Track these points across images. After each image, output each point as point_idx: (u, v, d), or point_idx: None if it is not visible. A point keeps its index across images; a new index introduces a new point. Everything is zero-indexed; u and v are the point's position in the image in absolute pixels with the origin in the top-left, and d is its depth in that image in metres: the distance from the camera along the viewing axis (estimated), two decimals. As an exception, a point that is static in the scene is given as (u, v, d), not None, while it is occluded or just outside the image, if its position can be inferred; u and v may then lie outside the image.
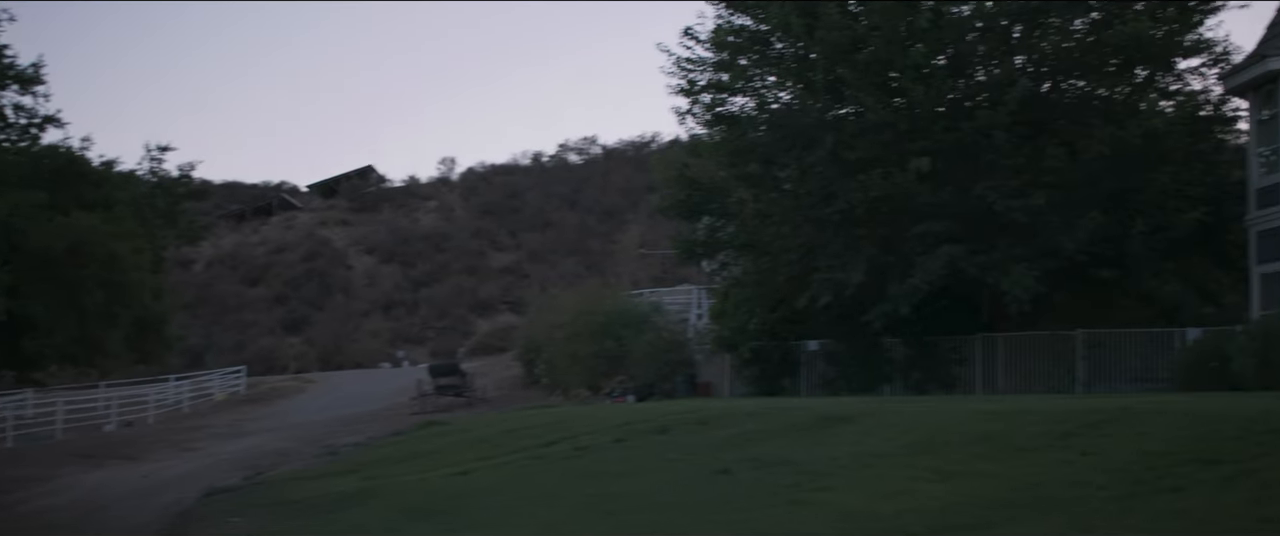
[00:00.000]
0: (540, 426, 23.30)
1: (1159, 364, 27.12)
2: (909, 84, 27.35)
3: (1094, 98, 29.25)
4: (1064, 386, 28.29)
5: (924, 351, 30.45)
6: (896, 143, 27.87)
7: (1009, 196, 26.62)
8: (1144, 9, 28.29)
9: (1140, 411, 15.96)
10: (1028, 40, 28.30)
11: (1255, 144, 25.62)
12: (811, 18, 28.29)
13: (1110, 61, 28.31)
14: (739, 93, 31.12)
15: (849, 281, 27.92)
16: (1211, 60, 29.70)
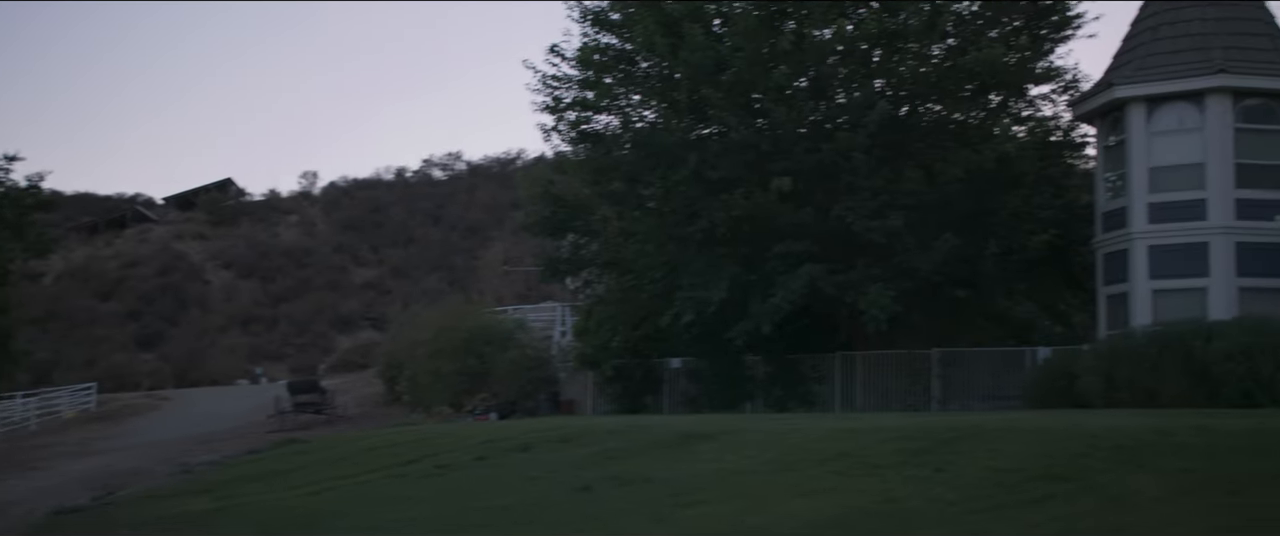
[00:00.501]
0: (401, 444, 23.05)
1: (1011, 382, 27.81)
2: (771, 105, 27.74)
3: (950, 122, 29.98)
4: (920, 404, 28.88)
5: (785, 369, 30.84)
6: (759, 163, 28.22)
7: (867, 217, 27.12)
8: (998, 37, 29.13)
9: (992, 429, 16.37)
10: (887, 64, 28.89)
11: (1102, 169, 26.47)
12: (676, 38, 28.55)
13: (965, 87, 29.03)
14: (604, 111, 31.25)
15: (712, 299, 28.17)
16: (1062, 87, 30.73)
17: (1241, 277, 24.15)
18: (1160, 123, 25.06)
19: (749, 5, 29.34)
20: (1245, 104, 24.53)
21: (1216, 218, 24.28)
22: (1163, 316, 23.94)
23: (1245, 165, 24.44)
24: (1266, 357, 21.58)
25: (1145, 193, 24.95)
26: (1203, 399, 21.83)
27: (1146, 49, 25.62)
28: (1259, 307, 23.55)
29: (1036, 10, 29.87)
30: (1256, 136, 24.57)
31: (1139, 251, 24.87)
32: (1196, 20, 25.42)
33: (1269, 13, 25.90)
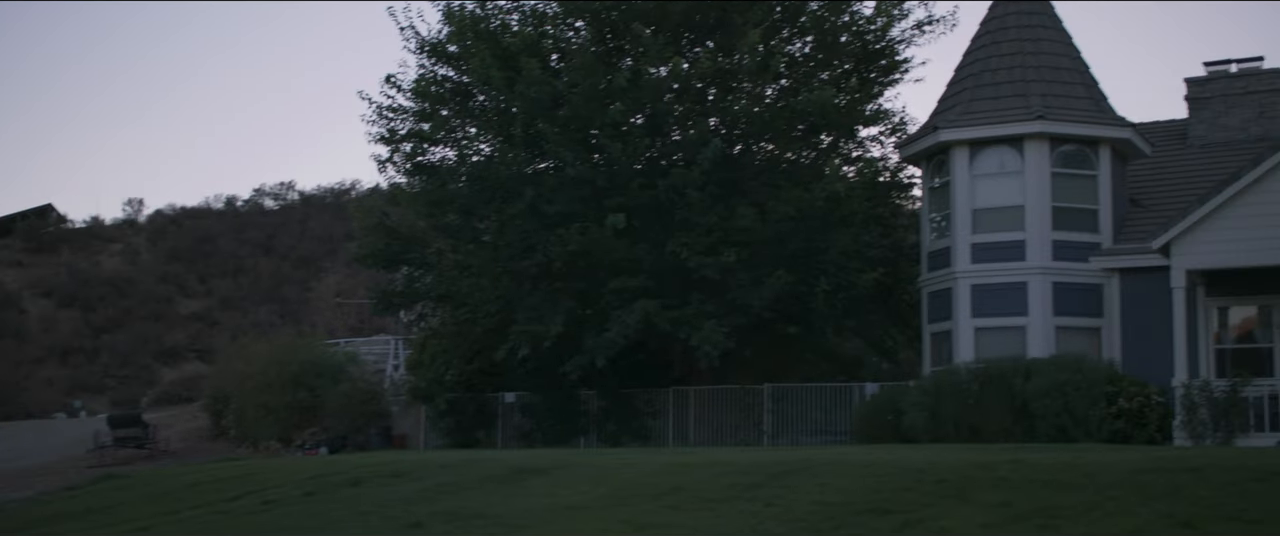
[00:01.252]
0: (227, 479, 22.48)
1: (840, 417, 28.36)
2: (607, 141, 27.92)
3: (782, 161, 30.52)
4: (752, 438, 29.23)
5: (619, 404, 30.94)
6: (594, 198, 28.35)
7: (702, 253, 27.42)
8: (829, 79, 29.82)
9: (821, 463, 16.65)
10: (721, 103, 29.33)
11: (928, 210, 27.22)
12: (512, 72, 28.58)
13: (797, 127, 29.60)
14: (440, 143, 31.11)
15: (547, 334, 28.15)
16: (890, 130, 31.62)
17: (1058, 316, 25.03)
18: (982, 166, 25.89)
19: (586, 41, 29.58)
20: (1062, 149, 25.49)
21: (1035, 258, 25.13)
22: (985, 353, 24.66)
23: (1062, 208, 25.38)
24: (1080, 394, 22.41)
25: (968, 233, 25.71)
26: (1022, 434, 22.58)
27: (970, 94, 26.47)
28: (1074, 346, 24.45)
29: (866, 54, 30.69)
30: (1072, 181, 25.54)
31: (962, 290, 25.60)
32: (1017, 67, 26.37)
33: (1084, 63, 26.99)
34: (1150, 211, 26.05)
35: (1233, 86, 28.15)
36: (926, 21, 30.97)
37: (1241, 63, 28.27)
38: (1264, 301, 23.67)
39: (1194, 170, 27.22)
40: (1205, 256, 22.54)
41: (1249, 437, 21.55)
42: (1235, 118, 28.03)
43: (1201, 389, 21.93)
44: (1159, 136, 28.72)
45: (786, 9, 29.81)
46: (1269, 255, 22.14)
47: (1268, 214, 22.02)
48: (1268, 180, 22.09)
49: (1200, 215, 22.38)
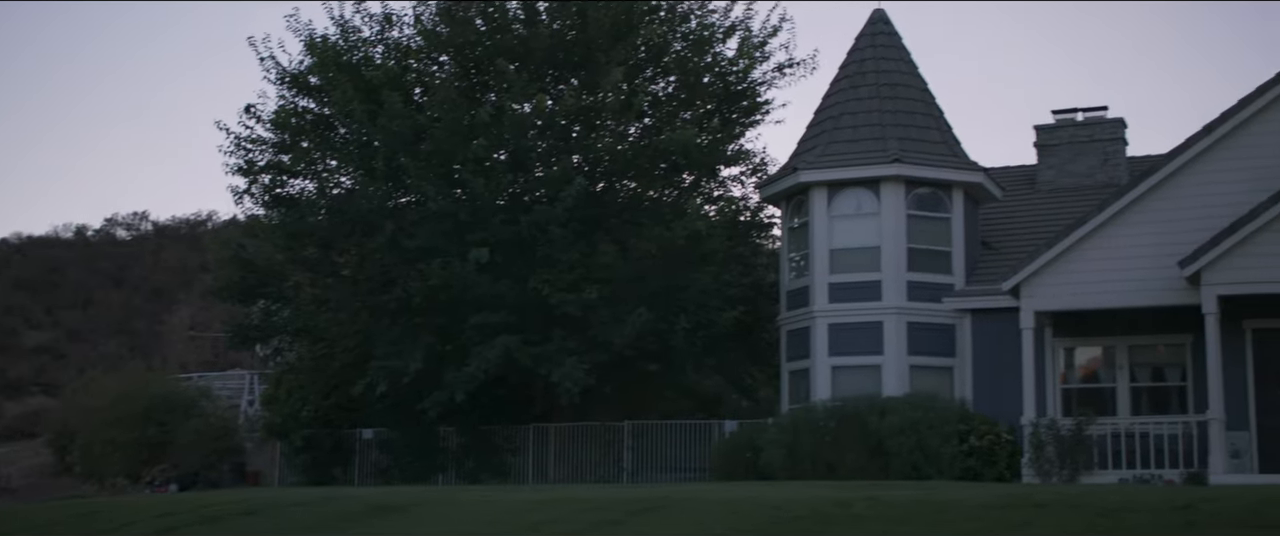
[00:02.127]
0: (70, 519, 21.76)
1: (700, 454, 28.53)
2: (470, 176, 27.84)
3: (644, 199, 30.74)
4: (612, 475, 29.25)
5: (479, 440, 30.73)
6: (456, 233, 28.22)
7: (563, 290, 27.43)
8: (691, 118, 30.15)
9: (678, 500, 16.71)
10: (585, 141, 29.46)
11: (787, 250, 27.61)
12: (375, 105, 28.37)
13: (660, 165, 29.87)
14: (300, 175, 30.72)
15: (406, 369, 27.88)
16: (751, 170, 32.07)
17: (912, 356, 25.51)
18: (840, 207, 26.34)
19: (450, 76, 29.51)
20: (917, 192, 26.07)
21: (890, 299, 25.62)
22: (841, 392, 25.02)
23: (916, 250, 25.92)
24: (934, 432, 22.86)
25: (826, 273, 26.12)
26: (877, 471, 22.93)
27: (829, 136, 26.96)
28: (928, 384, 24.94)
29: (728, 95, 31.11)
30: (927, 223, 26.12)
31: (820, 329, 25.98)
32: (875, 112, 26.94)
33: (939, 108, 27.68)
34: (1001, 254, 26.75)
35: (1079, 134, 29.10)
36: (787, 64, 31.54)
37: (1087, 112, 29.24)
38: (1108, 342, 24.44)
39: (1042, 214, 28.03)
40: (1052, 298, 23.20)
41: (1093, 474, 22.19)
42: (1081, 164, 28.96)
43: (1048, 427, 22.52)
44: (1010, 181, 29.54)
45: (650, 49, 30.11)
46: (1112, 298, 22.88)
47: (1111, 258, 22.77)
48: (1111, 225, 22.84)
49: (1047, 258, 23.05)
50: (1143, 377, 24.40)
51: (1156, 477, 21.78)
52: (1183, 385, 23.86)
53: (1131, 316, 23.49)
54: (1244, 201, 21.67)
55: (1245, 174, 22.22)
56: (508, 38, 29.42)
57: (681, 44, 30.62)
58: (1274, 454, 22.37)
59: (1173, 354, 24.14)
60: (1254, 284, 21.43)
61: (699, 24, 30.76)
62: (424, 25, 30.05)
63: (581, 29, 29.22)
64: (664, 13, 30.40)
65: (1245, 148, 22.48)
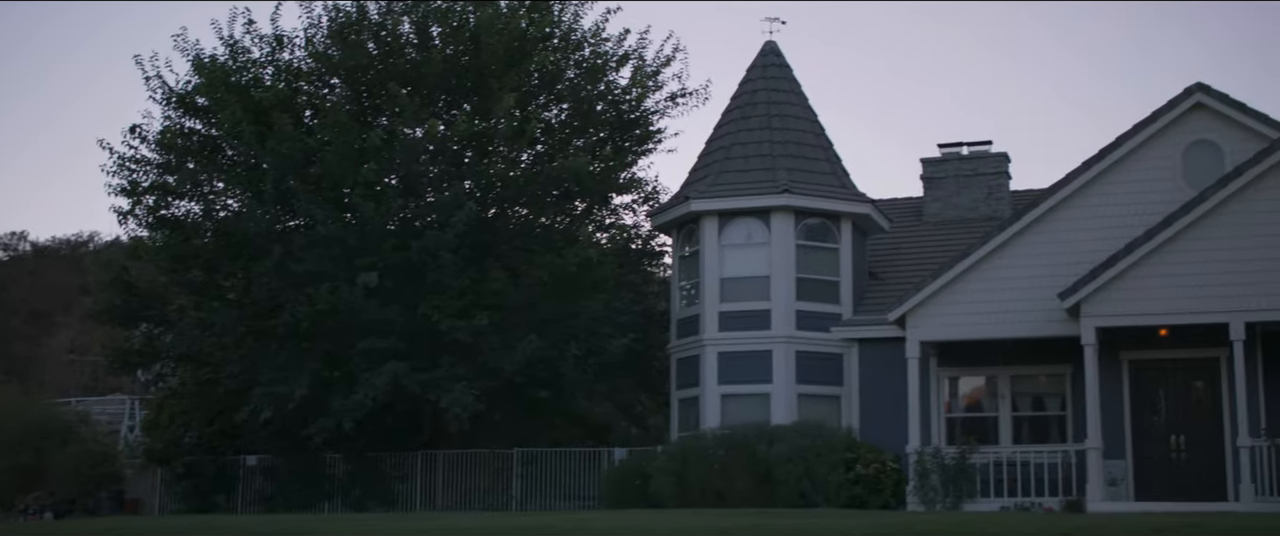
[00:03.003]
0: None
1: (589, 482, 28.48)
2: (360, 200, 27.57)
3: (536, 226, 30.67)
4: (501, 503, 29.07)
5: (366, 467, 30.37)
6: (345, 257, 27.92)
7: (453, 316, 27.24)
8: (584, 146, 30.19)
9: (563, 529, 16.66)
10: (477, 166, 29.34)
11: (678, 278, 27.74)
12: (264, 127, 28.00)
13: (552, 192, 29.85)
14: (185, 197, 30.18)
15: (292, 395, 27.48)
16: (643, 198, 32.16)
17: (801, 384, 25.74)
18: (731, 236, 26.54)
19: (341, 99, 29.24)
20: (806, 222, 26.36)
21: (779, 328, 25.84)
22: (731, 420, 25.15)
23: (805, 279, 26.19)
24: (821, 460, 23.08)
25: (716, 302, 26.28)
26: (765, 499, 23.08)
27: (720, 166, 27.17)
28: (815, 413, 25.18)
29: (621, 123, 31.21)
30: (816, 253, 26.41)
31: (710, 357, 26.11)
32: (766, 142, 27.20)
33: (829, 140, 28.04)
34: (888, 284, 27.13)
35: (964, 168, 29.67)
36: (680, 93, 31.72)
37: (972, 145, 29.83)
38: (991, 372, 24.89)
39: (929, 246, 28.50)
40: (937, 329, 23.58)
41: (976, 502, 22.56)
42: (966, 197, 29.50)
43: (933, 456, 22.86)
44: (897, 212, 30.00)
45: (544, 76, 30.10)
46: (994, 329, 23.32)
47: (994, 289, 23.23)
48: (994, 258, 23.31)
49: (933, 289, 23.43)
50: (1024, 407, 24.87)
51: (1036, 505, 22.19)
52: (1062, 414, 24.36)
53: (1014, 347, 23.96)
54: (1122, 236, 22.25)
55: (1123, 209, 22.83)
56: (400, 62, 29.24)
57: (575, 72, 30.67)
58: (1149, 481, 22.93)
59: (1053, 384, 24.65)
60: (1130, 316, 22.00)
61: (593, 52, 30.84)
62: (315, 48, 29.75)
63: (474, 55, 29.15)
64: (558, 40, 30.43)
65: (1123, 183, 23.10)
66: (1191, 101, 22.87)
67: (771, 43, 28.68)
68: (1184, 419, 23.24)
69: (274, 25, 30.12)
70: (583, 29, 30.85)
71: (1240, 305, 21.34)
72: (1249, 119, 22.61)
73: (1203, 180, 22.40)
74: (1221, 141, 22.82)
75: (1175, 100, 22.97)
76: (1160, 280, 21.77)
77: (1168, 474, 23.00)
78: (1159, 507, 21.07)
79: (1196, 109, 22.94)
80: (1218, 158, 22.72)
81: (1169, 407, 23.38)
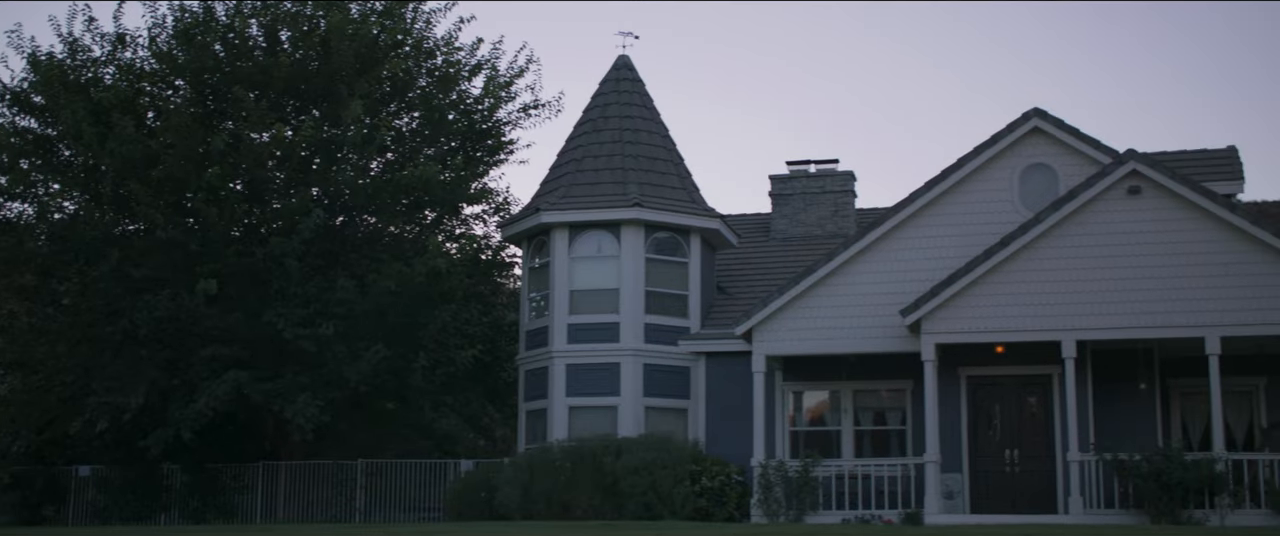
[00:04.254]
0: None
1: (435, 493, 28.26)
2: (203, 205, 27.00)
3: (385, 234, 30.37)
4: (344, 515, 28.70)
5: (205, 479, 29.71)
6: (187, 263, 27.32)
7: (298, 325, 26.83)
8: (435, 155, 29.97)
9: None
10: (325, 173, 28.93)
11: (527, 289, 27.67)
12: (104, 128, 27.25)
13: (402, 201, 29.57)
14: (18, 198, 29.20)
15: (128, 405, 26.78)
16: (494, 208, 32.07)
17: (648, 397, 25.84)
18: (581, 248, 26.57)
19: (185, 101, 28.57)
20: (656, 236, 26.50)
21: (628, 341, 25.93)
22: (578, 432, 25.13)
23: (654, 293, 26.33)
24: (667, 473, 23.20)
25: (566, 314, 26.27)
26: (612, 511, 23.14)
27: (572, 178, 27.19)
28: (663, 426, 25.31)
29: (473, 133, 31.08)
30: (665, 267, 26.58)
31: (558, 369, 26.08)
32: (617, 155, 27.31)
33: (679, 155, 28.26)
34: (736, 299, 27.43)
35: (811, 185, 30.14)
36: (533, 105, 31.72)
37: (820, 164, 30.31)
38: (834, 387, 25.31)
39: (776, 261, 28.88)
40: (782, 343, 23.90)
41: (818, 515, 22.91)
42: (813, 214, 29.98)
43: (777, 469, 23.15)
44: (746, 228, 30.34)
45: (395, 83, 29.83)
46: (837, 344, 23.73)
47: (838, 305, 23.64)
48: (839, 274, 23.72)
49: (779, 304, 23.76)
50: (866, 421, 25.34)
51: (877, 517, 22.61)
52: (903, 429, 24.87)
53: (857, 362, 24.40)
54: (962, 255, 22.83)
55: (964, 229, 23.42)
56: (247, 65, 28.69)
57: (427, 80, 30.46)
58: (985, 494, 23.54)
59: (894, 399, 25.16)
60: (968, 333, 22.58)
61: (445, 61, 30.67)
62: (159, 48, 29.06)
63: (324, 60, 28.76)
64: (410, 48, 30.18)
65: (964, 204, 23.70)
66: (1028, 126, 23.57)
67: (624, 57, 28.82)
68: (1019, 433, 23.91)
69: (117, 23, 29.38)
70: (435, 37, 30.71)
71: (1072, 324, 22.06)
72: (1082, 144, 23.38)
73: (1038, 202, 23.11)
74: (1056, 165, 23.56)
75: (1013, 124, 23.65)
76: (997, 298, 22.40)
77: (1002, 487, 23.64)
78: (994, 519, 21.67)
79: (1033, 133, 23.65)
80: (1052, 180, 23.45)
81: (1005, 422, 24.02)
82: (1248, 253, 21.64)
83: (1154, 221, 22.04)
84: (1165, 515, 20.89)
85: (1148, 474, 21.08)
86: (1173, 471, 20.92)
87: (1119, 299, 21.95)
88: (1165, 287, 21.81)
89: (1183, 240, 21.88)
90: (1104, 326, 22.05)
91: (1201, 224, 21.84)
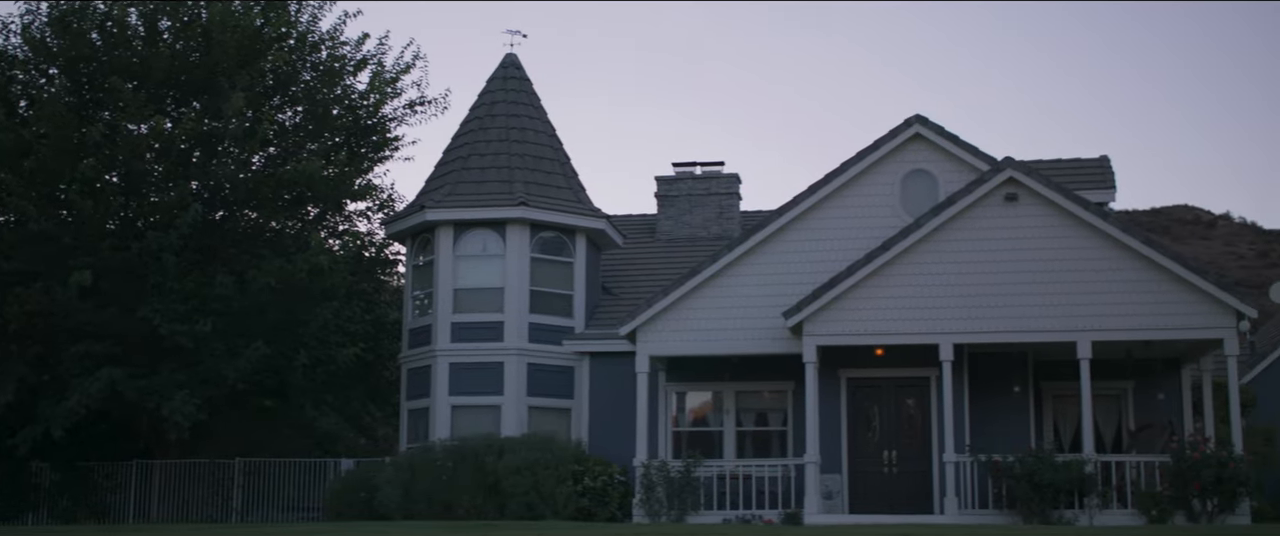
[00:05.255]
0: None
1: (315, 493, 27.94)
2: (77, 197, 26.36)
3: (266, 230, 29.92)
4: (220, 515, 28.25)
5: (76, 478, 29.06)
6: (59, 256, 26.66)
7: (175, 321, 26.33)
8: (318, 150, 29.58)
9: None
10: (205, 167, 28.41)
11: (411, 287, 27.46)
12: (-27, 116, 26.50)
13: (284, 196, 29.15)
14: (-121, 188, 28.24)
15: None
16: (378, 205, 31.72)
17: (532, 397, 25.81)
18: (466, 247, 26.44)
19: (60, 91, 27.83)
20: (542, 236, 26.47)
21: (512, 340, 25.86)
22: (461, 431, 25.02)
23: (539, 292, 26.29)
24: (549, 473, 23.18)
25: (449, 312, 26.13)
26: (494, 511, 23.08)
27: (458, 176, 27.04)
28: (546, 426, 25.31)
29: (358, 129, 30.74)
30: (551, 266, 26.56)
31: (441, 368, 25.93)
32: (504, 154, 27.21)
33: (566, 154, 28.25)
34: (621, 299, 27.48)
35: (697, 187, 30.31)
36: (419, 102, 31.45)
37: (705, 166, 30.49)
38: (717, 388, 25.46)
39: (661, 262, 28.98)
40: (666, 344, 23.99)
41: (700, 515, 23.03)
42: (698, 216, 30.15)
43: (659, 469, 23.23)
44: (632, 229, 30.41)
45: (279, 76, 29.40)
46: (720, 345, 23.86)
47: (720, 307, 23.77)
48: (723, 276, 23.87)
49: (663, 305, 23.84)
50: (748, 422, 25.54)
51: (757, 517, 22.80)
52: (784, 430, 25.12)
53: (740, 363, 24.57)
54: (844, 258, 23.10)
55: (846, 232, 23.68)
56: (126, 54, 28.05)
57: (311, 74, 30.06)
58: (863, 495, 23.84)
59: (776, 400, 25.38)
60: (848, 335, 22.86)
61: (330, 55, 30.30)
62: (32, 35, 28.28)
63: (206, 51, 28.24)
64: (294, 41, 29.75)
65: (847, 208, 23.97)
66: (910, 132, 23.94)
67: (512, 55, 28.73)
68: (897, 435, 24.26)
69: (-12, 9, 28.56)
70: (320, 31, 30.30)
71: (949, 327, 22.45)
72: (961, 151, 23.80)
73: (919, 207, 23.47)
74: (936, 171, 23.94)
75: (895, 130, 23.99)
76: (877, 302, 22.71)
77: (881, 487, 23.96)
78: (871, 520, 21.97)
79: (915, 139, 24.02)
80: (933, 187, 23.83)
81: (883, 424, 24.37)
82: (1118, 260, 22.20)
83: (1030, 228, 22.51)
84: (1037, 515, 21.36)
85: (1021, 475, 21.52)
86: (1044, 472, 21.38)
87: (996, 303, 22.39)
88: (1040, 293, 22.29)
89: (1057, 247, 22.38)
90: (981, 330, 22.47)
91: (1075, 231, 22.36)
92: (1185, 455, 21.38)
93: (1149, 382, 24.84)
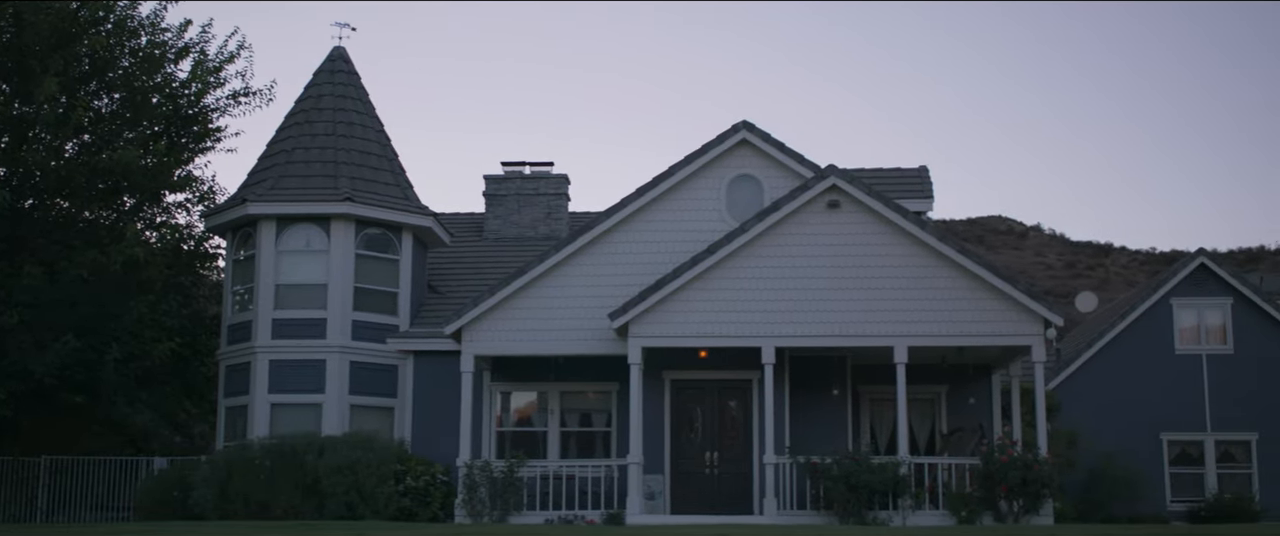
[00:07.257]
0: None
1: (127, 492, 27.19)
2: (-127, 182, 25.17)
3: (79, 219, 28.93)
4: (24, 515, 27.29)
5: None
6: None
7: (-21, 313, 25.32)
8: (135, 138, 28.70)
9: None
10: (14, 153, 27.34)
11: (232, 282, 26.85)
12: None
13: (98, 185, 28.23)
14: None
15: None
16: (198, 197, 30.85)
17: (354, 395, 25.49)
18: (289, 242, 25.97)
19: None
20: (367, 232, 26.14)
21: (335, 337, 25.49)
22: (280, 429, 24.58)
23: (364, 289, 25.97)
24: (370, 472, 22.91)
25: (270, 308, 25.63)
26: (313, 511, 22.71)
27: (282, 170, 26.53)
28: (369, 424, 25.00)
29: (178, 118, 29.93)
30: (376, 263, 26.25)
31: (261, 365, 25.42)
32: (330, 149, 26.80)
33: (393, 151, 27.94)
34: (447, 298, 27.29)
35: (526, 187, 30.28)
36: (243, 92, 30.75)
37: (535, 166, 30.47)
38: (542, 388, 25.48)
39: (489, 262, 28.87)
40: (491, 344, 23.90)
41: (523, 515, 23.01)
42: (526, 216, 30.12)
43: (482, 469, 23.14)
44: (460, 228, 30.23)
45: (95, 61, 28.44)
46: (546, 345, 23.88)
47: (545, 308, 23.78)
48: (549, 276, 23.88)
49: (489, 305, 23.74)
50: (573, 422, 25.61)
51: (580, 518, 22.87)
52: (608, 430, 25.25)
53: (566, 364, 24.63)
54: (671, 261, 23.33)
55: (673, 235, 23.92)
56: (-73, 34, 26.87)
57: (130, 60, 29.13)
58: (684, 495, 24.11)
59: (601, 401, 25.50)
60: (673, 337, 23.09)
61: (150, 42, 29.42)
62: None
63: (16, 32, 27.17)
64: (112, 25, 28.81)
65: (674, 211, 24.20)
66: (737, 138, 24.27)
67: (340, 48, 28.31)
68: (719, 436, 24.59)
69: None
70: (139, 16, 29.37)
71: (772, 331, 22.84)
72: (786, 158, 24.22)
73: (744, 212, 23.83)
74: (762, 177, 24.33)
75: (723, 135, 24.31)
76: (701, 304, 22.99)
77: (702, 488, 24.27)
78: (692, 520, 22.21)
79: (742, 145, 24.37)
80: (759, 192, 24.21)
81: (706, 425, 24.67)
82: (935, 267, 22.86)
83: (851, 235, 23.04)
84: (853, 515, 21.86)
85: (838, 476, 21.99)
86: (861, 474, 21.89)
87: (817, 307, 22.86)
88: (860, 298, 22.82)
89: (876, 253, 22.95)
90: (802, 334, 22.91)
91: (894, 238, 22.95)
92: (994, 458, 22.11)
93: (962, 387, 25.66)
